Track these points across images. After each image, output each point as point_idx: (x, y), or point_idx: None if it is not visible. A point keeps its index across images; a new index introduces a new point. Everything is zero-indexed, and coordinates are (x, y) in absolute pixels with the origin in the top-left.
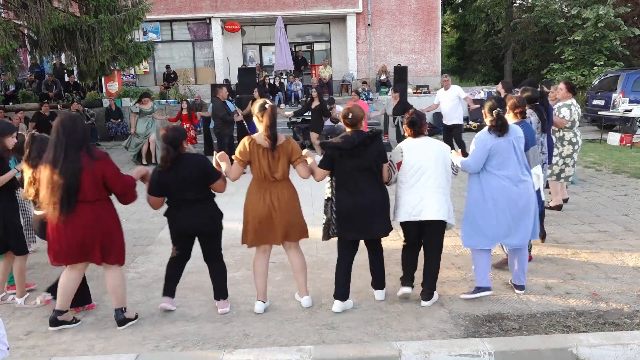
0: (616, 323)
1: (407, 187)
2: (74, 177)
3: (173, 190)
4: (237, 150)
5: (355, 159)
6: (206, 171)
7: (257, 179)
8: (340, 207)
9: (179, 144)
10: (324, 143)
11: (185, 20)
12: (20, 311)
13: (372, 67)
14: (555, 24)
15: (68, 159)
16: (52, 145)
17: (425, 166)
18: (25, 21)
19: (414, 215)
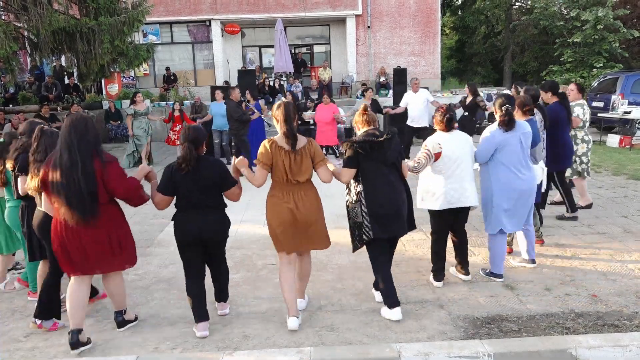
0: (615, 324)
1: (446, 177)
2: (92, 181)
3: (184, 192)
4: (258, 154)
5: (381, 153)
6: (222, 177)
7: (279, 182)
8: (373, 206)
9: (200, 144)
10: (347, 142)
11: (185, 23)
12: (20, 313)
13: (372, 69)
14: (555, 26)
15: (83, 162)
16: (63, 146)
17: (461, 157)
18: (25, 23)
19: (453, 203)
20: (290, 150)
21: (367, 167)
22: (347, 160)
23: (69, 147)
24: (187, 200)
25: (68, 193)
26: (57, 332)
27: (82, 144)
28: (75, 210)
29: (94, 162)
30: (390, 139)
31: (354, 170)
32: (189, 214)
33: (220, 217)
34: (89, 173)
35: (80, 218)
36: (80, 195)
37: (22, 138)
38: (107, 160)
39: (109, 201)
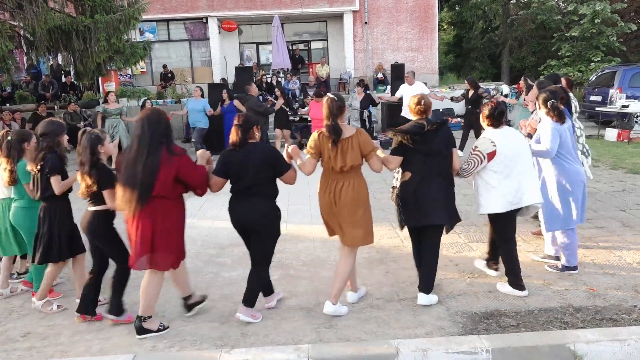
0: (614, 319)
1: (504, 177)
2: (152, 174)
3: (237, 175)
4: (308, 144)
5: (426, 143)
6: (276, 161)
7: (326, 171)
8: (405, 194)
9: (249, 128)
10: (394, 130)
11: (181, 20)
12: (17, 313)
13: (370, 65)
14: (552, 21)
15: (148, 155)
16: (135, 138)
17: (518, 154)
18: (20, 22)
19: (515, 204)
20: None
21: (410, 156)
22: (393, 148)
23: (140, 139)
24: (238, 185)
25: (127, 184)
26: (54, 332)
27: (153, 136)
28: (131, 200)
29: (161, 154)
30: (436, 130)
31: (400, 158)
32: (238, 200)
33: (266, 206)
34: (151, 165)
35: (135, 208)
36: (135, 186)
37: (45, 138)
38: (178, 153)
39: (163, 196)
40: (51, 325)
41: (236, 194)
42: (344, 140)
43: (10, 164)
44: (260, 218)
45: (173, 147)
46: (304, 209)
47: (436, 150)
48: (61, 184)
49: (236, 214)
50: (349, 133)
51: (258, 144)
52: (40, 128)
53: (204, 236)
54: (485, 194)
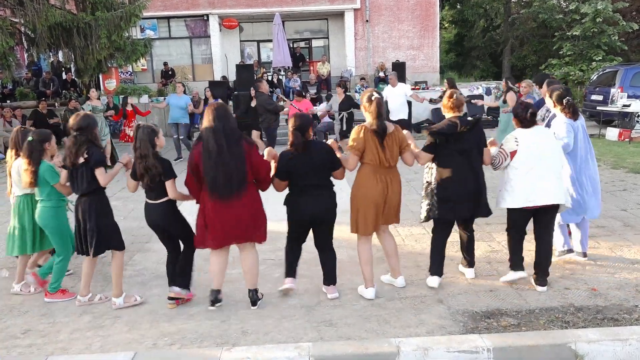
0: (615, 318)
1: (523, 174)
2: (242, 161)
3: (299, 175)
4: (350, 140)
5: (458, 142)
6: (332, 158)
7: (372, 166)
8: (441, 189)
9: (306, 129)
10: (428, 129)
11: (182, 17)
12: (18, 310)
13: (371, 63)
14: (554, 19)
15: (232, 145)
16: (209, 132)
17: (543, 154)
18: (21, 18)
19: (532, 201)
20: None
21: (443, 153)
22: (426, 146)
23: (215, 132)
24: (302, 184)
25: (219, 173)
26: (54, 329)
27: (226, 128)
28: (222, 190)
29: (242, 144)
30: (470, 129)
31: (431, 155)
32: (305, 195)
33: (332, 196)
34: (238, 154)
35: (225, 195)
36: (231, 175)
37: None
38: (252, 143)
39: (251, 182)
40: (51, 322)
41: (302, 190)
42: (387, 137)
43: (32, 166)
44: (331, 209)
45: (248, 138)
46: None
47: (469, 149)
48: (106, 175)
49: (307, 209)
50: (389, 129)
51: (314, 142)
52: (75, 123)
53: None
54: (505, 189)
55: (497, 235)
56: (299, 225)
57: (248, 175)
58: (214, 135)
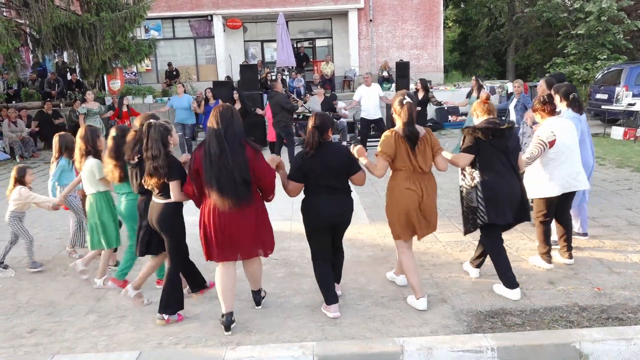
0: (620, 318)
1: (559, 164)
2: (244, 168)
3: (315, 177)
4: (380, 145)
5: (502, 142)
6: (349, 161)
7: (405, 172)
8: (490, 192)
9: (326, 129)
10: (469, 129)
11: (186, 18)
12: (24, 309)
13: (374, 62)
14: (558, 18)
15: (235, 150)
16: (211, 136)
17: (572, 142)
18: (27, 20)
19: (567, 188)
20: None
21: (486, 154)
22: (466, 146)
23: (217, 136)
24: (317, 185)
25: (220, 180)
26: (60, 328)
27: (228, 132)
28: (227, 196)
29: (246, 149)
30: (511, 128)
31: (472, 156)
32: (320, 199)
33: (349, 200)
34: (241, 160)
35: (232, 204)
36: (233, 182)
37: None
38: (258, 150)
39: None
40: (57, 321)
41: (317, 193)
42: (419, 141)
43: (120, 161)
44: (347, 213)
45: (253, 144)
46: None
47: (512, 148)
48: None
49: (325, 211)
50: (421, 133)
51: (332, 144)
52: (141, 119)
53: None
54: (538, 180)
55: None
56: (318, 232)
57: (251, 183)
58: (216, 139)
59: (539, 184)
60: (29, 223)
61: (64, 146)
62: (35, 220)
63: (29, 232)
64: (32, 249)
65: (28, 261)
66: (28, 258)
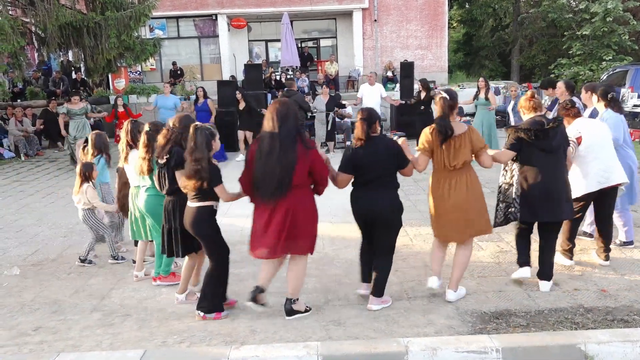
0: (625, 320)
1: (591, 160)
2: (290, 166)
3: (363, 169)
4: (420, 141)
5: (546, 141)
6: (398, 154)
7: (438, 169)
8: (526, 190)
9: (373, 122)
10: (513, 128)
11: (191, 17)
12: (29, 307)
13: (379, 62)
14: (563, 19)
15: (283, 149)
16: (266, 133)
17: (599, 139)
18: (32, 18)
19: (604, 182)
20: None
21: (527, 152)
22: (510, 144)
23: (271, 133)
24: (364, 178)
25: (262, 176)
26: (65, 326)
27: (282, 129)
28: (265, 193)
29: (297, 146)
30: (556, 128)
31: (513, 153)
32: (366, 191)
33: (390, 197)
34: (289, 159)
35: (269, 200)
36: (272, 179)
37: (174, 130)
38: (311, 147)
39: (302, 185)
40: (62, 319)
41: (361, 186)
42: (456, 138)
43: (148, 154)
44: (386, 209)
45: (307, 141)
46: None
47: (556, 147)
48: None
49: (362, 205)
50: (460, 130)
51: (380, 138)
52: (176, 120)
53: None
54: (576, 178)
55: (505, 236)
56: (358, 222)
57: (293, 180)
58: (269, 136)
59: (575, 182)
60: (35, 221)
61: (102, 145)
62: (40, 219)
63: (106, 225)
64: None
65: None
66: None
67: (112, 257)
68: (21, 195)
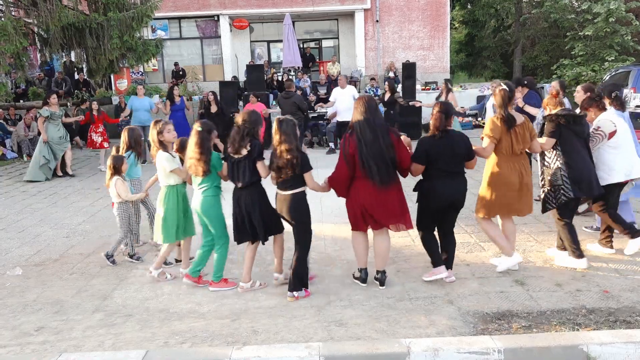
0: (627, 321)
1: (620, 152)
2: (393, 151)
3: (438, 160)
4: (487, 129)
5: (579, 127)
6: (468, 147)
7: (505, 154)
8: (573, 171)
9: (450, 115)
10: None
11: (193, 18)
12: (31, 307)
13: (381, 63)
14: (566, 19)
15: (384, 136)
16: (363, 124)
17: (627, 133)
18: (35, 19)
19: (628, 175)
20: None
21: (566, 137)
22: (551, 131)
23: (369, 124)
24: (439, 169)
25: (375, 162)
26: (67, 326)
27: (377, 120)
28: (379, 175)
29: (390, 135)
30: (583, 117)
31: (555, 140)
32: (444, 180)
33: (465, 183)
34: (389, 144)
35: (383, 182)
36: (385, 163)
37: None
38: (399, 135)
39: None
40: (64, 320)
41: (438, 175)
42: (519, 126)
43: (205, 155)
44: (464, 194)
45: (394, 129)
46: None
47: (585, 133)
48: (266, 167)
49: (446, 193)
50: (519, 120)
51: (453, 131)
52: (245, 116)
53: None
54: (606, 168)
55: None
56: (435, 211)
57: (396, 163)
58: (368, 127)
59: (604, 172)
60: (37, 221)
61: (133, 140)
62: (43, 219)
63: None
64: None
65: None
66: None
67: (129, 255)
68: (24, 195)
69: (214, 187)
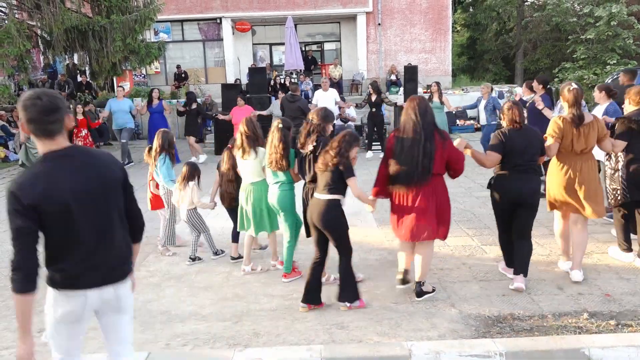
0: (629, 324)
1: None
2: (429, 157)
3: (513, 153)
4: (551, 129)
5: None
6: (542, 142)
7: (565, 154)
8: (632, 174)
9: (522, 111)
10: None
11: (196, 20)
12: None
13: (383, 66)
14: (567, 23)
15: (426, 140)
16: (408, 125)
17: None
18: (38, 22)
19: None
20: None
21: (634, 141)
22: (619, 133)
23: (414, 126)
24: (514, 162)
25: (407, 166)
26: None
27: (425, 122)
28: (410, 181)
29: (434, 138)
30: None
31: (625, 142)
32: (515, 175)
33: (537, 180)
34: (428, 149)
35: (412, 188)
36: (416, 168)
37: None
38: (447, 138)
39: (439, 174)
40: None
41: (512, 170)
42: (585, 126)
43: (286, 151)
44: (537, 192)
45: (442, 132)
46: None
47: None
48: None
49: (514, 188)
50: (588, 119)
51: (528, 126)
52: (315, 114)
53: (216, 235)
54: None
55: None
56: (502, 208)
57: (433, 169)
58: (412, 128)
59: None
60: None
61: (167, 143)
62: None
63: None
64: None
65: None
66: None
67: (190, 258)
68: None
69: (289, 182)
